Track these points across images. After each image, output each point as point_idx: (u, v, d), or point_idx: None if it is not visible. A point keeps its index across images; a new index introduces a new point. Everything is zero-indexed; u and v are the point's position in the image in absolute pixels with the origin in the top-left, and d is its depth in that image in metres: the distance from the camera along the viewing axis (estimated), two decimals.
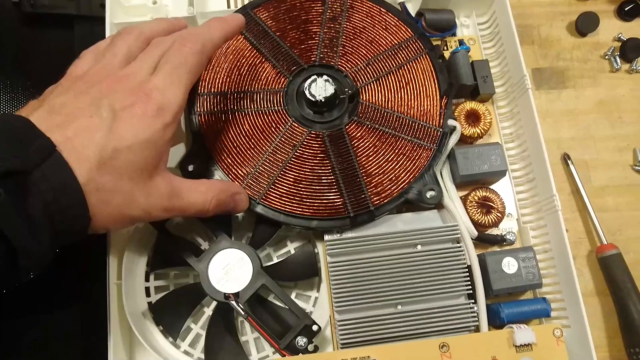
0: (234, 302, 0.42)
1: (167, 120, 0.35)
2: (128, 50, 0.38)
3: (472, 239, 0.45)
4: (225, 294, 0.42)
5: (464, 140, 0.50)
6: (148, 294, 0.45)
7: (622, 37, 0.59)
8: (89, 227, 0.33)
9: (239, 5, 0.53)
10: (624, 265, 0.48)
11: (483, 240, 0.46)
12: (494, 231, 0.48)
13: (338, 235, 0.44)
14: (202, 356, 0.43)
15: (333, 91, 0.46)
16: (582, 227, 0.52)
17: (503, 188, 0.49)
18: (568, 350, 0.42)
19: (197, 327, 0.45)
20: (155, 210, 0.36)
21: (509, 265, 0.44)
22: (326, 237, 0.44)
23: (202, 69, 0.39)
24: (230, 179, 0.45)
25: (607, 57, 0.59)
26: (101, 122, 0.33)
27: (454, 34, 0.53)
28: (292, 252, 0.47)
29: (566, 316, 0.44)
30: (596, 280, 0.50)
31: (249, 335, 0.45)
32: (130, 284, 0.44)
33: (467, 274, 0.43)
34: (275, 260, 0.46)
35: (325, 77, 0.47)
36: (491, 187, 0.49)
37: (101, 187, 0.32)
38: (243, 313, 0.41)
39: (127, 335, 0.43)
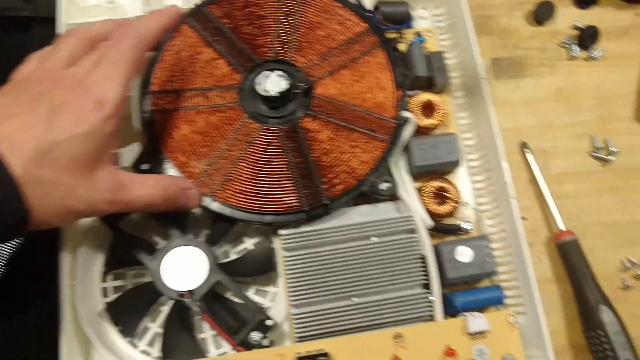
0: (188, 300, 0.42)
1: (107, 112, 0.35)
2: (71, 52, 0.38)
3: (428, 229, 0.45)
4: (179, 291, 0.42)
5: (421, 131, 0.50)
6: (106, 295, 0.45)
7: (579, 25, 0.59)
8: (30, 222, 0.33)
9: (193, 3, 0.53)
10: (581, 251, 0.49)
11: (439, 230, 0.47)
12: (450, 221, 0.48)
13: (293, 229, 0.44)
14: (161, 355, 0.43)
15: (287, 86, 0.46)
16: (540, 215, 0.52)
17: (460, 178, 0.50)
18: (524, 336, 0.42)
19: (155, 326, 0.45)
20: (100, 203, 0.36)
21: (463, 254, 0.44)
22: (281, 232, 0.44)
23: (140, 62, 0.40)
24: (186, 177, 0.45)
25: (564, 45, 0.59)
26: (40, 118, 0.34)
27: (409, 27, 0.54)
28: (250, 248, 0.47)
29: (522, 303, 0.45)
30: (555, 266, 0.51)
31: (207, 332, 0.45)
32: (86, 284, 0.44)
33: (422, 264, 0.44)
34: (233, 257, 0.46)
35: (278, 72, 0.47)
36: (449, 177, 0.49)
37: (40, 180, 0.32)
38: (198, 311, 0.41)
39: (83, 336, 0.43)
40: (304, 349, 0.40)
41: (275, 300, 0.45)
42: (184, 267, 0.43)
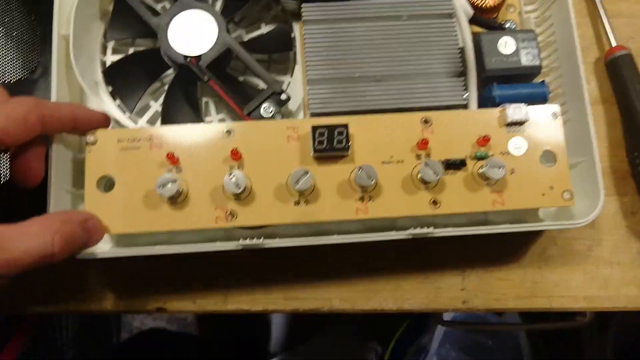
0: (194, 65, 0.37)
1: None
2: None
3: (467, 18, 0.40)
4: (185, 55, 0.38)
5: None
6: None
7: None
8: None
9: None
10: (634, 66, 0.43)
11: (479, 22, 0.41)
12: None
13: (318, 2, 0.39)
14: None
15: None
16: (591, 33, 0.47)
17: None
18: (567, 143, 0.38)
19: (156, 105, 0.41)
20: None
21: (506, 45, 0.39)
22: (304, 5, 0.39)
23: None
24: None
25: None
26: None
27: None
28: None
29: (566, 110, 0.40)
30: (602, 88, 0.46)
31: (213, 115, 0.41)
32: (85, 55, 0.39)
33: (459, 51, 0.39)
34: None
35: None
36: None
37: None
38: (205, 76, 0.37)
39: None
40: (320, 122, 0.35)
41: (288, 89, 0.41)
42: (192, 31, 0.38)
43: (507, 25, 0.42)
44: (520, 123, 0.37)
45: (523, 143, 0.37)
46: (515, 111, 0.36)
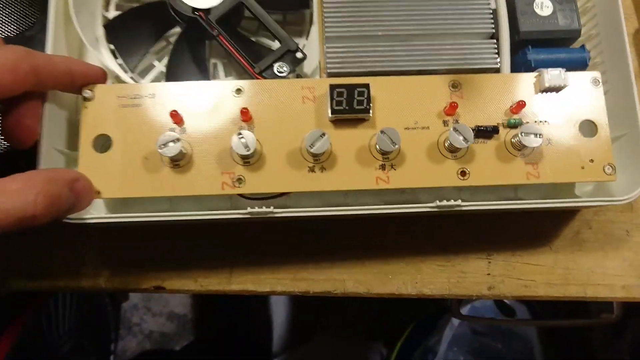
0: (202, 19, 0.34)
1: None
2: None
3: None
4: (193, 8, 0.35)
5: None
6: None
7: None
8: None
9: None
10: None
11: None
12: None
13: None
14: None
15: None
16: (629, 2, 0.43)
17: None
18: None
19: (160, 65, 0.38)
20: None
21: (542, 6, 0.36)
22: None
23: None
24: None
25: None
26: None
27: None
28: None
29: (605, 81, 0.36)
30: None
31: (222, 78, 0.38)
32: (85, 10, 0.36)
33: (490, 11, 0.36)
34: None
35: None
36: None
37: None
38: (214, 31, 0.34)
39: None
40: (339, 82, 0.32)
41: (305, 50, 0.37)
42: None
43: None
44: (558, 89, 0.33)
45: (561, 111, 0.33)
46: (554, 76, 0.33)
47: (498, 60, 0.35)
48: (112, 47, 0.37)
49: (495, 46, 0.35)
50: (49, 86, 0.31)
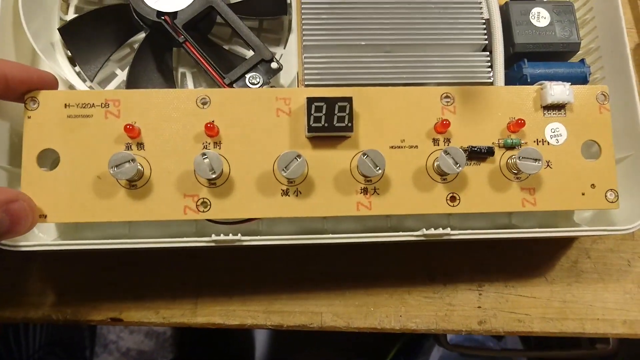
0: (168, 24, 0.31)
1: None
2: None
3: None
4: (158, 12, 0.31)
5: None
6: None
7: None
8: None
9: None
10: None
11: None
12: None
13: None
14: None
15: None
16: (629, 16, 0.41)
17: None
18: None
19: (123, 74, 0.34)
20: None
21: (539, 17, 0.33)
22: None
23: None
24: None
25: None
26: None
27: None
28: None
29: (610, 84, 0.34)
30: None
31: (185, 67, 0.34)
32: (40, 12, 0.33)
33: (483, 21, 0.33)
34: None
35: None
36: None
37: None
38: (180, 37, 0.31)
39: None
40: (317, 93, 0.29)
41: (280, 59, 0.34)
42: None
43: None
44: (560, 106, 0.30)
45: (562, 130, 0.30)
46: (557, 90, 0.30)
47: (491, 74, 0.32)
48: (69, 53, 0.33)
49: (488, 59, 0.32)
50: None
